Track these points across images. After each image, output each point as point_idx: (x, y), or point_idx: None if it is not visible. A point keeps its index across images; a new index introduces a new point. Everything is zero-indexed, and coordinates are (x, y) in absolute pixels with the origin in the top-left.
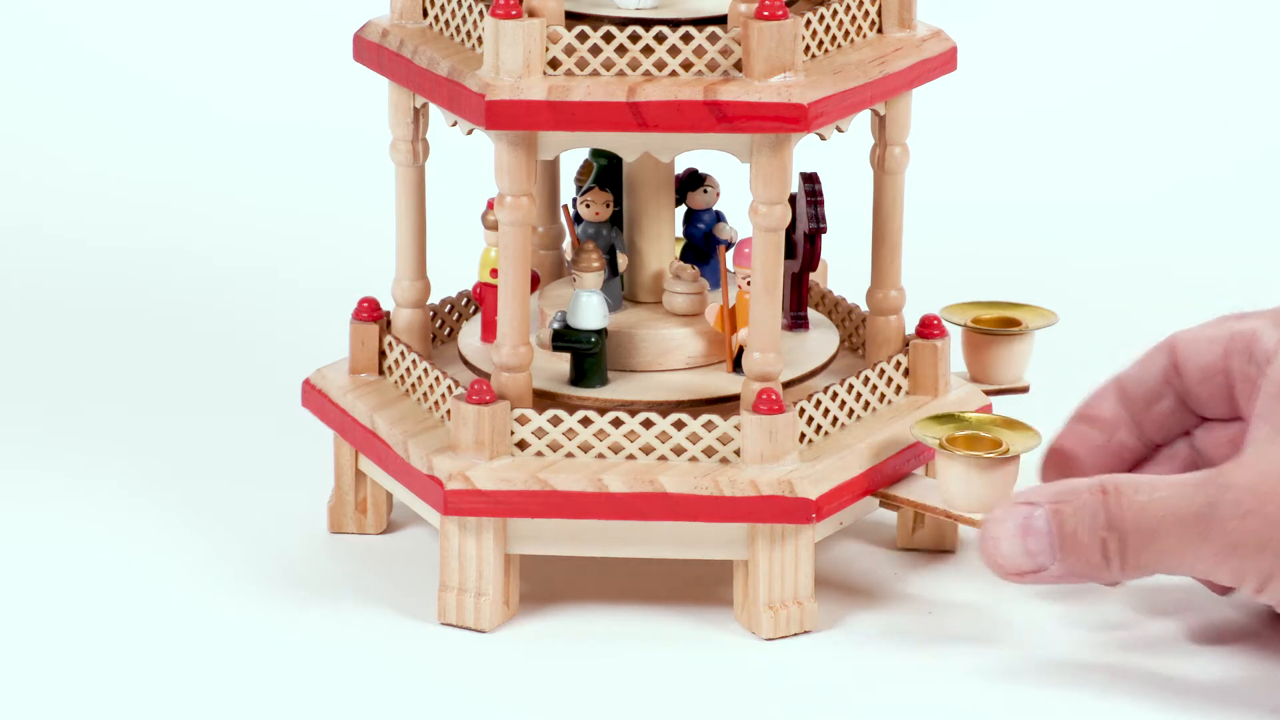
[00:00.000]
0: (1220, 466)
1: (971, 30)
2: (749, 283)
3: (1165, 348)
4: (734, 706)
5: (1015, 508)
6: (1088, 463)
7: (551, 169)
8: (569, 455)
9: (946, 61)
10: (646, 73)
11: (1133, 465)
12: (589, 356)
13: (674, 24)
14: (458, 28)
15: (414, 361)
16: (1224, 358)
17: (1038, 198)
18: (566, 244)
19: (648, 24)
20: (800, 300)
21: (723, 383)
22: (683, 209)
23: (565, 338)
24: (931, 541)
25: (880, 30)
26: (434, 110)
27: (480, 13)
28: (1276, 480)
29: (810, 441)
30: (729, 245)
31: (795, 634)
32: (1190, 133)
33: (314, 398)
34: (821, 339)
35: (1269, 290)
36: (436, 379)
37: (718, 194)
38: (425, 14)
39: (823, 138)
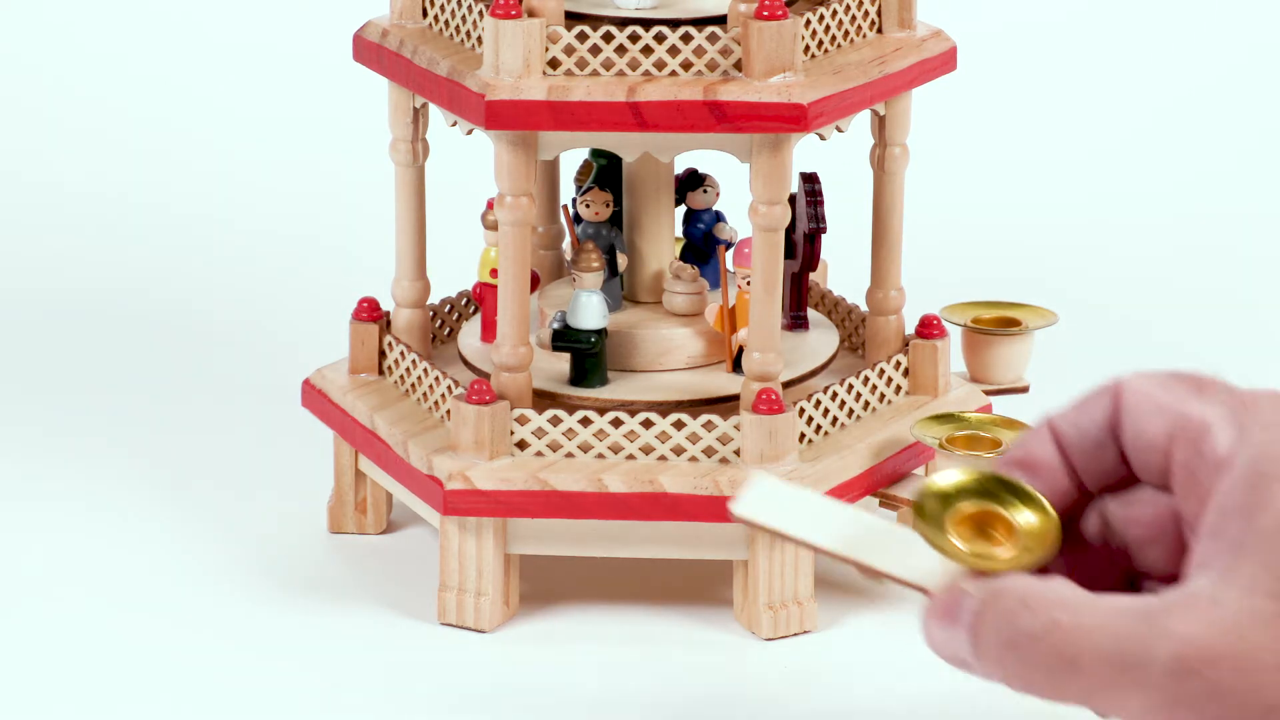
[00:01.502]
0: (1163, 601)
1: (971, 30)
2: (749, 283)
3: (1108, 394)
4: (734, 706)
5: (950, 593)
6: None
7: (551, 169)
8: (569, 455)
9: (946, 61)
10: (646, 73)
11: (1065, 516)
12: (589, 356)
13: (674, 24)
14: (457, 28)
15: (414, 361)
16: (1168, 438)
17: (1038, 198)
18: (566, 244)
19: (647, 24)
20: (800, 300)
21: (723, 383)
22: (682, 209)
23: (565, 338)
24: None
25: (880, 30)
26: (434, 110)
27: (480, 13)
28: (1224, 637)
29: (810, 441)
30: (729, 245)
31: (795, 634)
32: (1190, 133)
33: (314, 398)
34: (821, 339)
35: (1269, 290)
36: (436, 379)
37: (718, 194)
38: (425, 14)
39: (823, 138)
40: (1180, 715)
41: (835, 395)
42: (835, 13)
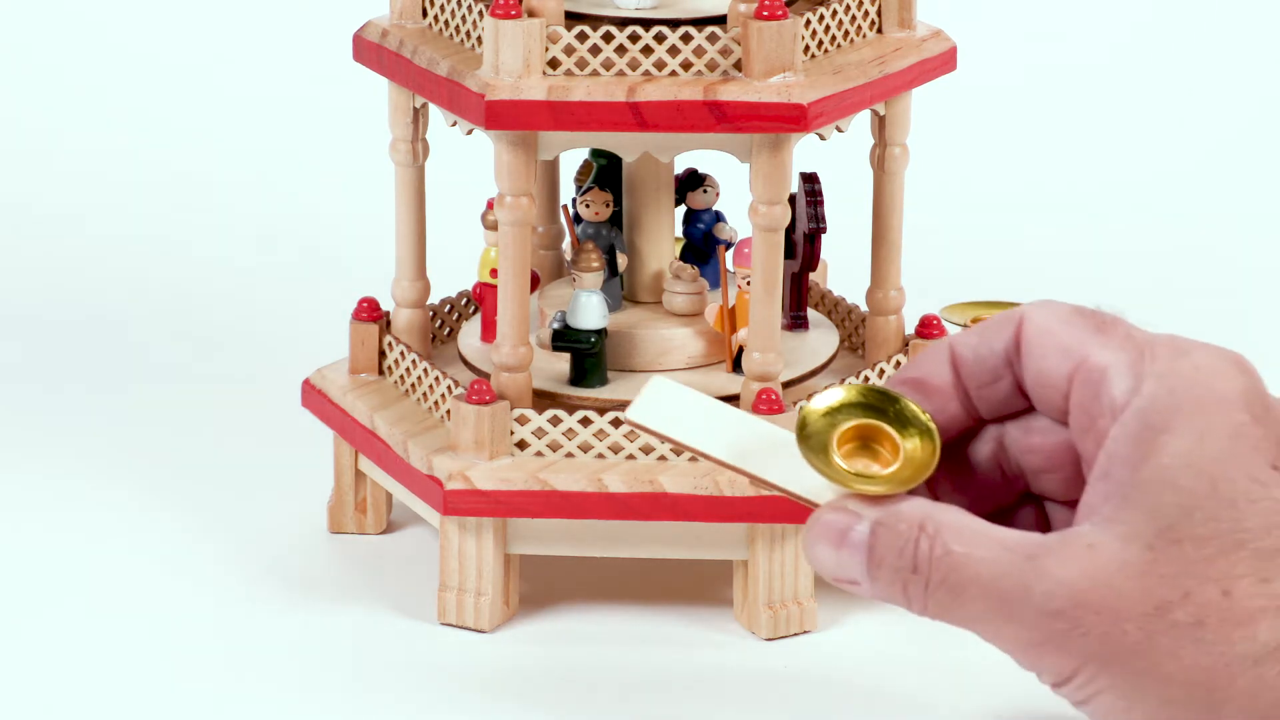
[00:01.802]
0: (1046, 543)
1: (971, 30)
2: (749, 283)
3: (1011, 325)
4: (734, 706)
5: (840, 514)
6: None
7: (551, 169)
8: (569, 455)
9: (946, 61)
10: (646, 73)
11: (956, 438)
12: (589, 356)
13: (674, 24)
14: (457, 28)
15: (414, 361)
16: (1066, 379)
17: (1038, 197)
18: (566, 244)
19: (647, 24)
20: (800, 300)
21: (723, 383)
22: (682, 209)
23: (565, 338)
24: None
25: (880, 30)
26: (434, 110)
27: (480, 13)
28: (1093, 584)
29: None
30: (729, 245)
31: (795, 634)
32: (1191, 133)
33: (314, 398)
34: (821, 339)
35: (1269, 290)
36: (436, 379)
37: (717, 194)
38: (425, 14)
39: (822, 138)
40: (1049, 652)
41: None
42: (835, 13)
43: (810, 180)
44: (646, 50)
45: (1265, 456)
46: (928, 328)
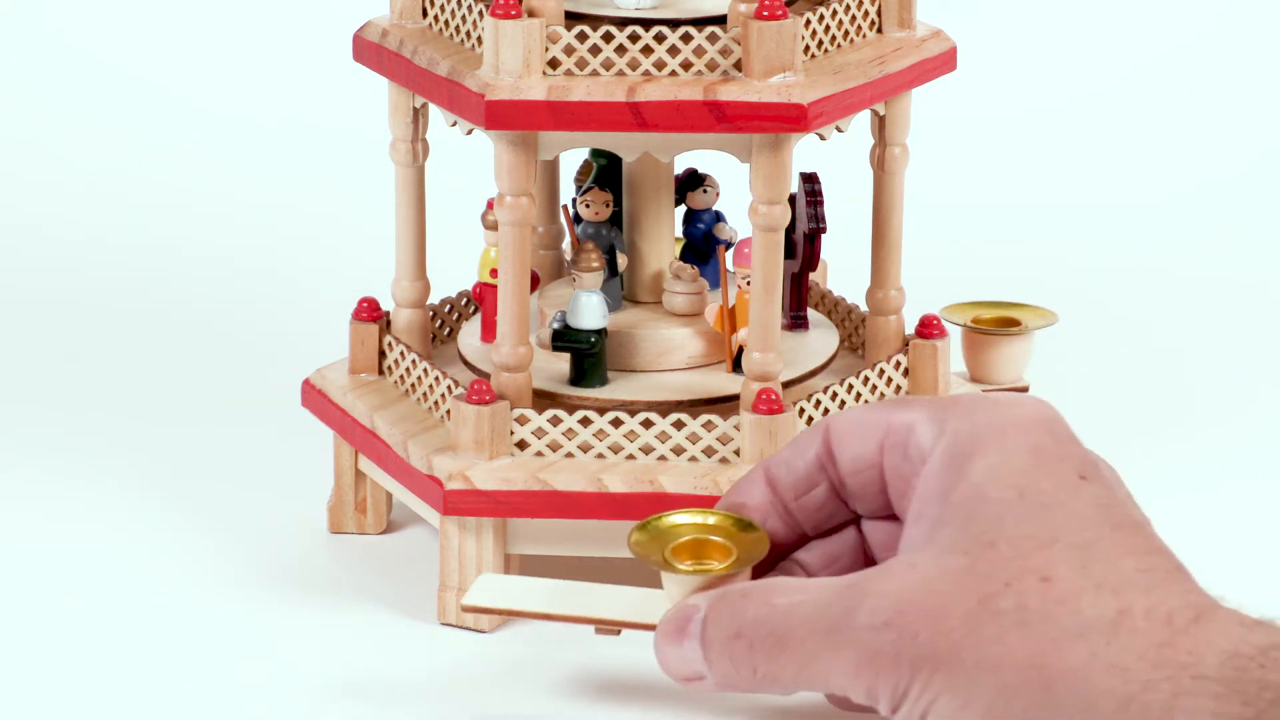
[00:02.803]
0: (865, 571)
1: (971, 30)
2: (749, 283)
3: (819, 431)
4: (734, 706)
5: (680, 610)
6: None
7: (551, 169)
8: (569, 455)
9: (946, 61)
10: (646, 73)
11: (787, 553)
12: (589, 356)
13: (674, 24)
14: (457, 28)
15: (414, 361)
16: (878, 451)
17: (1038, 197)
18: (566, 244)
19: (647, 24)
20: (800, 300)
21: (722, 383)
22: (682, 209)
23: (565, 338)
24: None
25: (880, 30)
26: (434, 110)
27: (480, 13)
28: (915, 591)
29: None
30: (729, 245)
31: None
32: (1191, 132)
33: (314, 398)
34: (821, 339)
35: (1268, 291)
36: (436, 379)
37: (718, 194)
38: (425, 14)
39: (822, 138)
40: (882, 668)
41: (835, 395)
42: (835, 13)
43: (810, 180)
44: (646, 50)
45: (1071, 468)
46: (928, 328)
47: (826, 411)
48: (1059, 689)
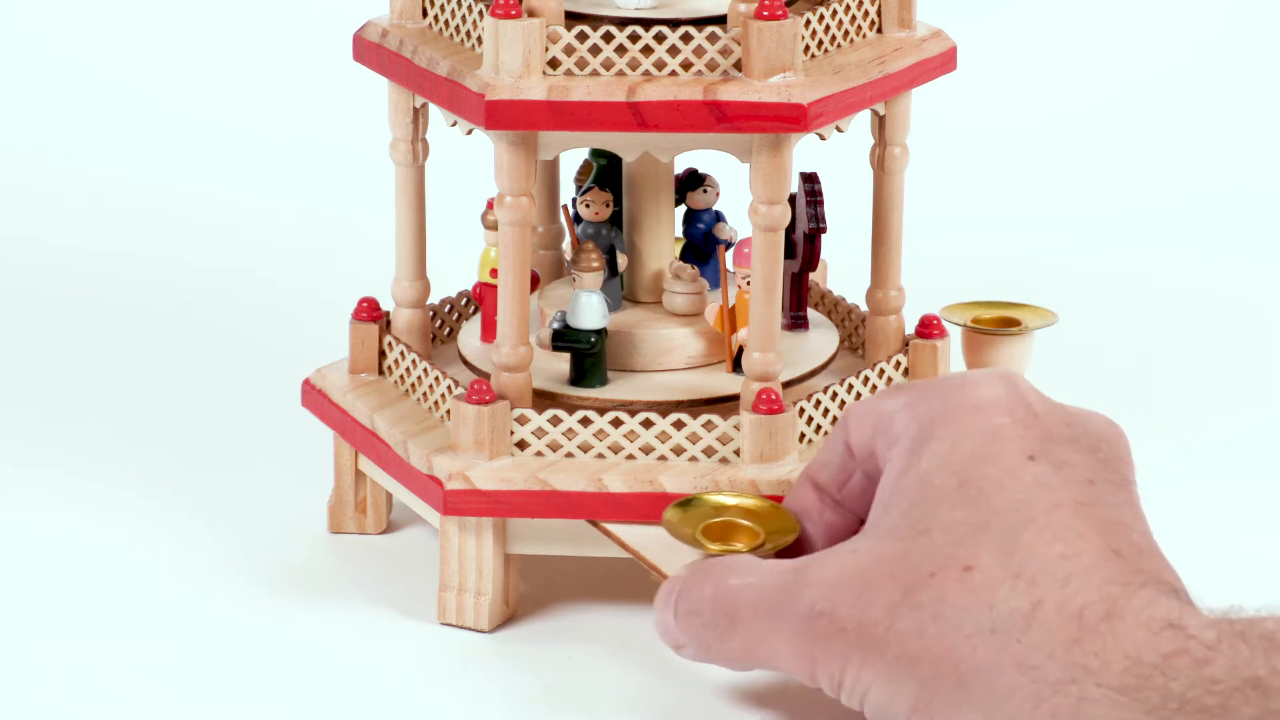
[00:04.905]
0: (812, 555)
1: (971, 30)
2: (749, 283)
3: (841, 425)
4: (734, 706)
5: (670, 581)
6: (818, 543)
7: (551, 169)
8: (569, 455)
9: (946, 61)
10: (646, 73)
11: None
12: (589, 356)
13: (674, 24)
14: (457, 28)
15: (414, 361)
16: (872, 437)
17: (1038, 197)
18: (566, 244)
19: (647, 24)
20: (800, 300)
21: (722, 383)
22: (683, 209)
23: (565, 338)
24: None
25: (880, 30)
26: (434, 110)
27: (480, 13)
28: (849, 580)
29: (810, 441)
30: (729, 245)
31: None
32: (1191, 134)
33: (314, 398)
34: (821, 339)
35: (1268, 292)
36: (436, 379)
37: (718, 194)
38: (425, 14)
39: (823, 138)
40: (819, 655)
41: (835, 395)
42: (835, 13)
43: (810, 180)
44: (646, 50)
45: (1021, 449)
46: (928, 328)
47: (826, 411)
48: (973, 684)
